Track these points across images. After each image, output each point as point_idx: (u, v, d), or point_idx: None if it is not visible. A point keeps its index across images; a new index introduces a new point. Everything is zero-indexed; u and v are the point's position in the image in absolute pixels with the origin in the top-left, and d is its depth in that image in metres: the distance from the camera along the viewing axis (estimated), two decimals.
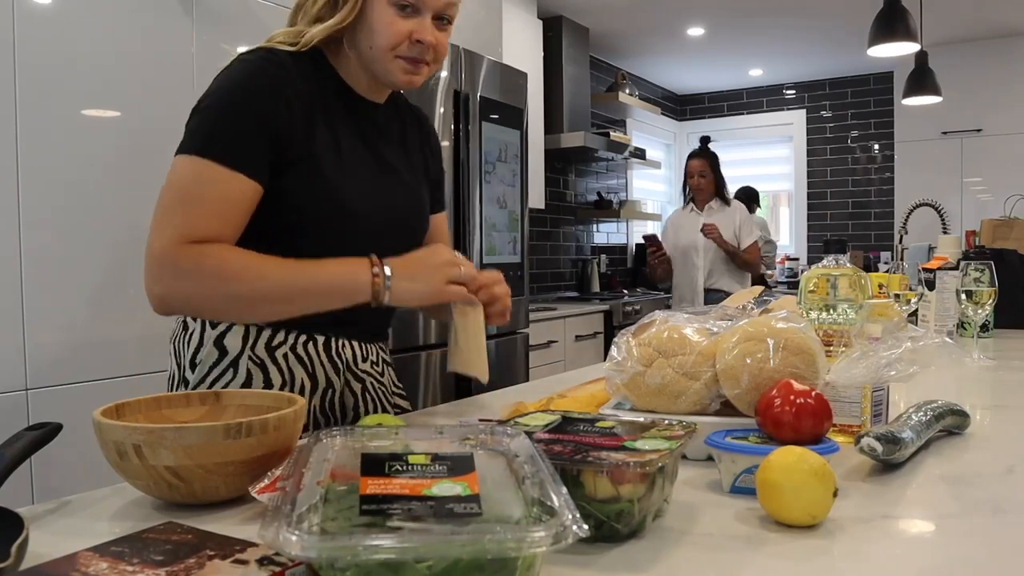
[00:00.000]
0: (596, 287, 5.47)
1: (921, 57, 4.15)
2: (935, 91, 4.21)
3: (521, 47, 4.35)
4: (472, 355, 1.22)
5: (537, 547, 0.51)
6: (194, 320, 1.22)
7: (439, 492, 0.58)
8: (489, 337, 3.33)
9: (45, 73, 2.01)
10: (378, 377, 1.33)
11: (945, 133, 5.70)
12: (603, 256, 5.84)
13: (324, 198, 1.16)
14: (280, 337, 1.20)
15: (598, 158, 5.44)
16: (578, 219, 5.68)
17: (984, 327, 2.22)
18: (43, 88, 2.00)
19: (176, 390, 1.22)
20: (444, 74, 3.03)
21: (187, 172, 1.09)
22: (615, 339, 1.06)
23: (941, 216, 3.48)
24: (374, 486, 0.58)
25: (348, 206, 1.18)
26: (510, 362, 3.48)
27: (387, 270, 1.10)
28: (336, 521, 0.54)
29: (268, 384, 1.19)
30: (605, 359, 1.07)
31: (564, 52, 4.94)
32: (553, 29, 4.91)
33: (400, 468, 0.62)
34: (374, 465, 0.62)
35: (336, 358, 1.25)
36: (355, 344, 1.28)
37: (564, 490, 0.58)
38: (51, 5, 2.02)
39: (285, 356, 1.20)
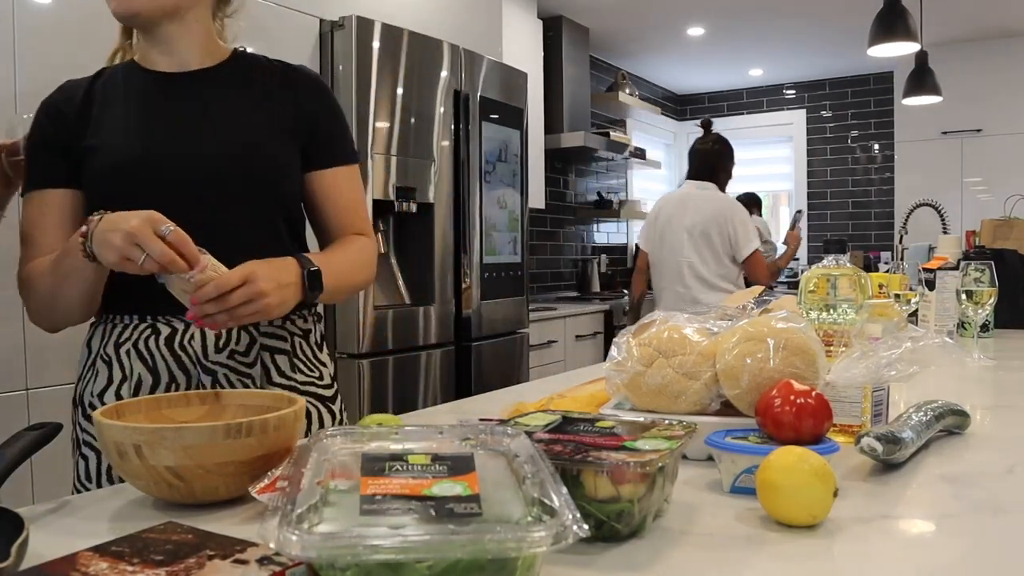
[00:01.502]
0: (596, 287, 5.47)
1: (921, 57, 4.15)
2: (935, 91, 4.21)
3: (521, 47, 4.36)
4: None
5: (537, 547, 0.51)
6: (90, 325, 1.29)
7: (439, 492, 0.58)
8: (489, 337, 3.34)
9: (45, 73, 2.01)
10: (243, 367, 1.22)
11: (945, 133, 5.70)
12: (603, 256, 5.84)
13: (106, 169, 1.19)
14: (127, 332, 1.21)
15: (598, 158, 5.44)
16: (578, 219, 5.68)
17: (984, 327, 2.22)
18: (43, 88, 2.00)
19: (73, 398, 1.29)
20: (444, 74, 3.03)
21: (22, 212, 1.23)
22: (615, 339, 1.06)
23: (941, 216, 3.48)
24: (374, 486, 0.58)
25: (126, 169, 1.18)
26: (510, 362, 3.48)
27: (95, 226, 1.03)
28: (336, 521, 0.54)
29: (110, 381, 1.20)
30: (605, 359, 1.07)
31: (564, 52, 4.94)
32: (553, 29, 4.91)
33: (400, 468, 0.62)
34: (374, 465, 0.62)
35: (180, 351, 1.19)
36: (206, 332, 1.20)
37: (564, 490, 0.58)
38: (51, 5, 2.02)
39: (128, 352, 1.20)
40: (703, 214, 3.43)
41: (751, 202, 5.72)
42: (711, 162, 3.52)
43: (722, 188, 3.54)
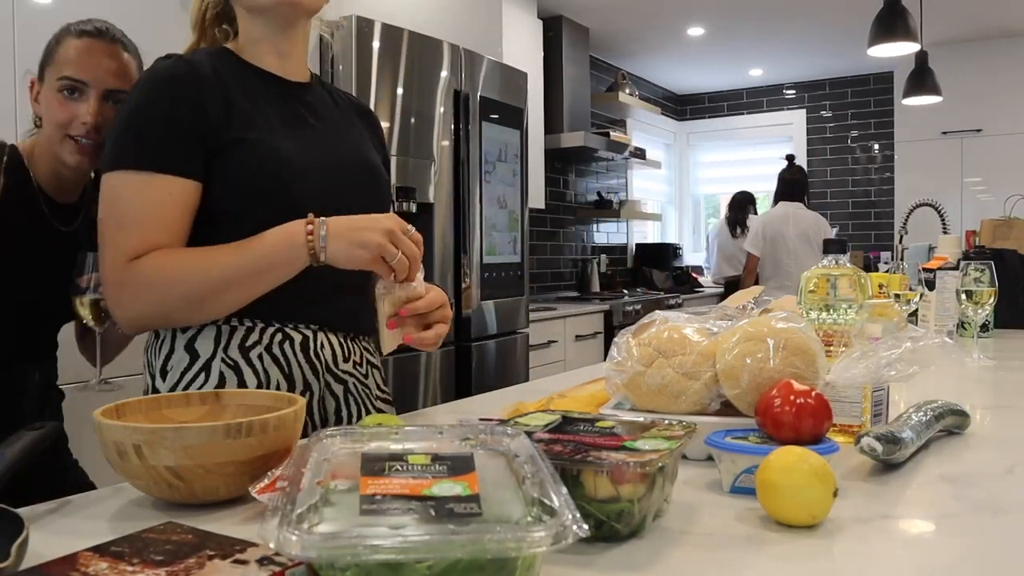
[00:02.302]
0: (596, 287, 5.47)
1: (921, 57, 4.15)
2: (935, 91, 4.21)
3: (521, 47, 4.35)
4: (382, 335, 1.13)
5: (537, 547, 0.51)
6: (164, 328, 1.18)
7: (439, 492, 0.58)
8: (489, 337, 3.34)
9: None
10: (361, 378, 1.27)
11: (945, 133, 5.70)
12: (603, 256, 5.84)
13: (260, 169, 1.12)
14: (255, 336, 1.15)
15: (598, 158, 5.44)
16: (578, 219, 5.68)
17: (984, 327, 2.22)
18: None
19: None
20: (444, 74, 3.03)
21: (115, 189, 1.09)
22: (615, 339, 1.06)
23: (941, 216, 3.48)
24: (374, 486, 0.58)
25: (285, 172, 1.14)
26: (510, 362, 3.48)
27: (324, 227, 1.04)
28: (336, 521, 0.54)
29: (242, 386, 1.15)
30: (605, 359, 1.07)
31: (564, 52, 4.94)
32: (553, 29, 4.91)
33: (400, 468, 0.62)
34: (374, 465, 0.62)
35: (315, 359, 1.19)
36: (336, 342, 1.22)
37: (564, 490, 0.58)
38: (51, 5, 2.02)
39: (260, 357, 1.15)
40: (802, 226, 4.66)
41: (746, 200, 5.74)
42: (799, 187, 4.80)
43: (808, 205, 4.83)
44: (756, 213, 5.88)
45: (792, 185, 4.80)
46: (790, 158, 4.97)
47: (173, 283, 1.07)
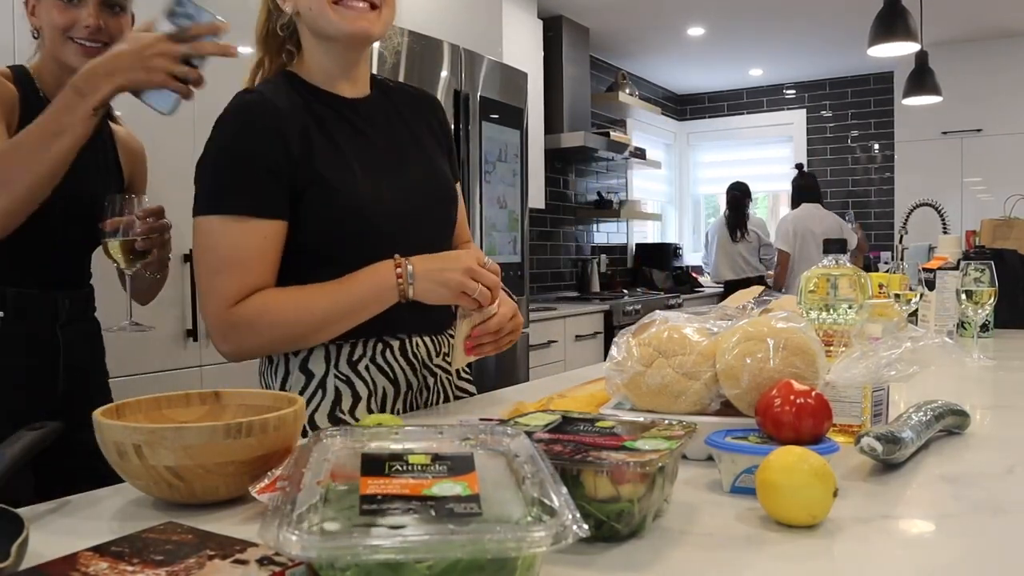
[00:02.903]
0: (596, 287, 5.47)
1: (921, 57, 4.15)
2: (935, 91, 4.21)
3: (521, 47, 4.35)
4: (456, 353, 1.27)
5: (537, 547, 0.51)
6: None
7: (439, 492, 0.58)
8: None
9: None
10: (447, 368, 1.39)
11: (945, 133, 5.70)
12: (603, 256, 5.84)
13: (344, 209, 1.19)
14: (359, 350, 1.26)
15: (598, 158, 5.44)
16: (578, 219, 5.68)
17: (984, 327, 2.22)
18: None
19: None
20: (444, 74, 3.03)
21: (211, 234, 1.15)
22: (615, 339, 1.06)
23: (941, 216, 3.49)
24: (374, 486, 0.58)
25: (367, 209, 1.21)
26: (510, 362, 3.48)
27: (410, 268, 1.15)
28: (336, 521, 0.54)
29: (357, 397, 1.26)
30: (605, 359, 1.07)
31: (564, 52, 4.94)
32: (553, 29, 4.91)
33: (400, 468, 0.62)
34: (374, 465, 0.62)
35: (412, 358, 1.31)
36: (427, 341, 1.34)
37: (564, 490, 0.58)
38: None
39: (367, 368, 1.26)
40: (826, 224, 5.17)
41: (744, 193, 5.73)
42: (814, 190, 5.37)
43: (824, 205, 5.40)
44: (753, 211, 5.90)
45: (807, 190, 5.34)
46: (800, 166, 5.54)
47: (277, 324, 1.16)
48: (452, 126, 3.03)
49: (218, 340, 1.17)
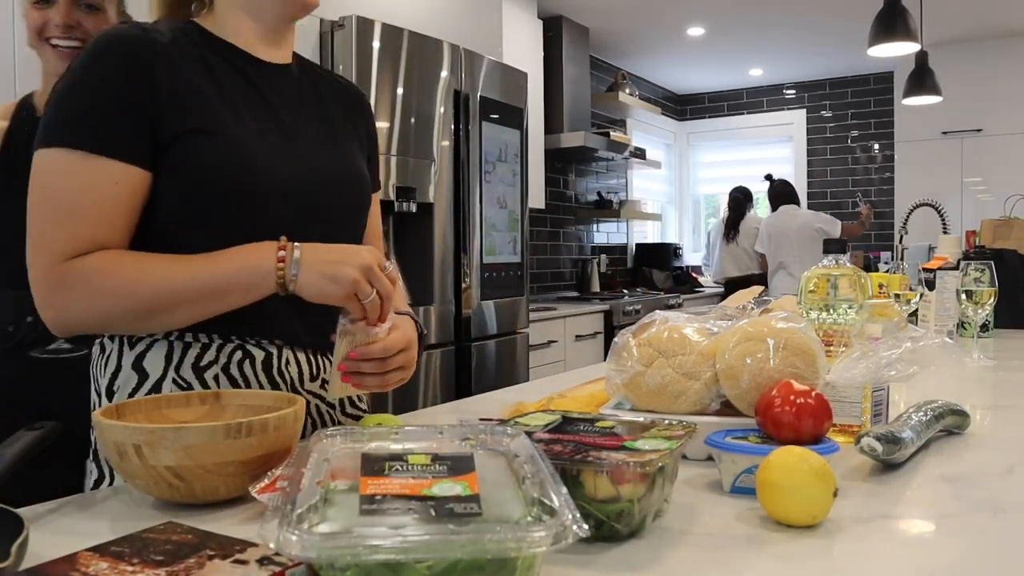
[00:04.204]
0: (596, 287, 5.47)
1: (921, 57, 4.15)
2: (935, 91, 4.20)
3: (521, 47, 4.35)
4: (333, 379, 1.02)
5: (537, 547, 0.51)
6: (111, 340, 1.06)
7: (439, 492, 0.58)
8: (489, 337, 3.34)
9: None
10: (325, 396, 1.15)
11: (945, 133, 5.70)
12: (603, 256, 5.83)
13: (223, 165, 0.99)
14: (211, 354, 1.04)
15: (598, 158, 5.44)
16: (578, 219, 5.68)
17: (984, 327, 2.22)
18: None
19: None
20: (444, 74, 3.03)
21: (53, 170, 0.95)
22: (615, 339, 1.06)
23: (941, 216, 3.49)
24: (374, 486, 0.58)
25: (250, 172, 1.01)
26: (510, 362, 3.48)
27: (296, 254, 0.94)
28: (336, 521, 0.54)
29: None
30: (605, 359, 1.07)
31: (564, 52, 4.94)
32: (553, 29, 4.91)
33: (400, 468, 0.62)
34: (374, 465, 0.62)
35: (278, 378, 1.07)
36: (302, 358, 1.11)
37: (564, 490, 0.58)
38: None
39: (216, 378, 1.03)
40: (799, 222, 5.29)
41: (746, 197, 5.77)
42: (788, 193, 5.50)
43: (799, 205, 5.55)
44: (753, 211, 5.92)
45: (782, 194, 5.51)
46: (768, 176, 5.71)
47: (119, 293, 0.95)
48: (452, 126, 3.05)
49: (41, 302, 0.95)
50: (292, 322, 1.08)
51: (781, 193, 5.53)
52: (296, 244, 0.95)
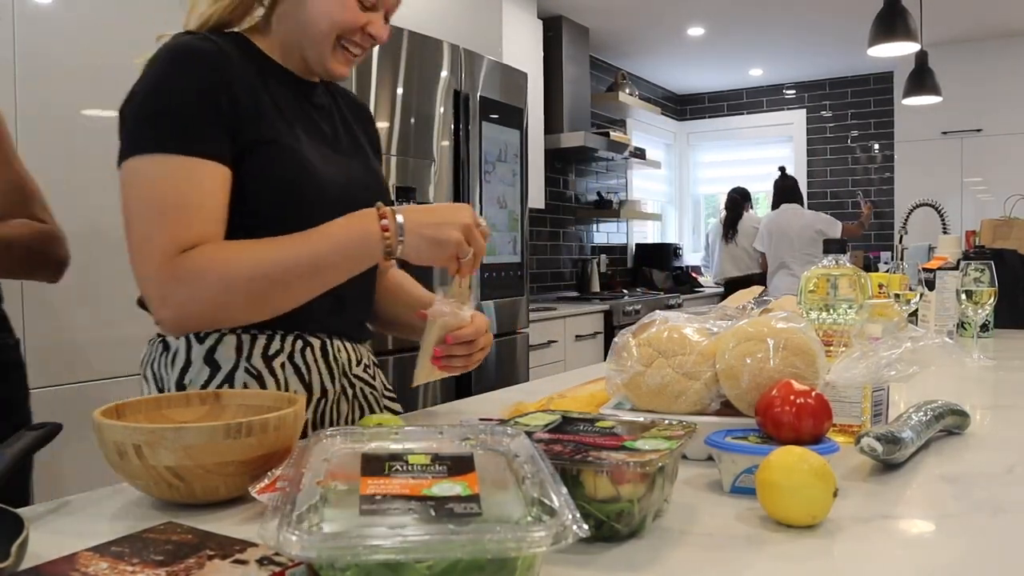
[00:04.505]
0: (596, 287, 5.47)
1: (921, 57, 4.15)
2: (935, 91, 4.21)
3: (521, 47, 4.35)
4: (422, 365, 1.12)
5: (537, 547, 0.51)
6: (176, 338, 1.10)
7: (439, 492, 0.58)
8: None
9: (45, 73, 2.01)
10: (369, 381, 1.26)
11: (945, 133, 5.70)
12: (603, 256, 5.84)
13: (291, 176, 1.07)
14: (276, 345, 1.11)
15: (598, 158, 5.44)
16: (578, 219, 5.68)
17: (984, 327, 2.22)
18: (43, 88, 2.00)
19: None
20: (444, 74, 3.03)
21: (152, 175, 0.99)
22: (615, 339, 1.06)
23: (941, 216, 3.49)
24: (374, 486, 0.58)
25: (314, 183, 1.08)
26: (510, 362, 3.48)
27: (400, 219, 0.99)
28: (336, 521, 0.54)
29: None
30: (605, 359, 1.07)
31: (564, 52, 4.94)
32: (553, 29, 4.91)
33: (400, 468, 0.62)
34: (374, 465, 0.62)
35: (332, 363, 1.17)
36: (348, 347, 1.21)
37: (564, 490, 0.58)
38: (51, 5, 2.02)
39: (283, 366, 1.11)
40: (802, 222, 5.30)
41: (743, 197, 5.79)
42: (793, 191, 5.50)
43: (802, 204, 5.56)
44: (752, 210, 5.94)
45: (788, 191, 5.50)
46: (783, 169, 5.71)
47: (237, 275, 0.98)
48: (452, 126, 3.04)
49: (158, 302, 0.99)
50: (337, 318, 1.17)
51: (785, 189, 5.52)
52: (395, 208, 1.00)
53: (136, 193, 0.99)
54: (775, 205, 5.52)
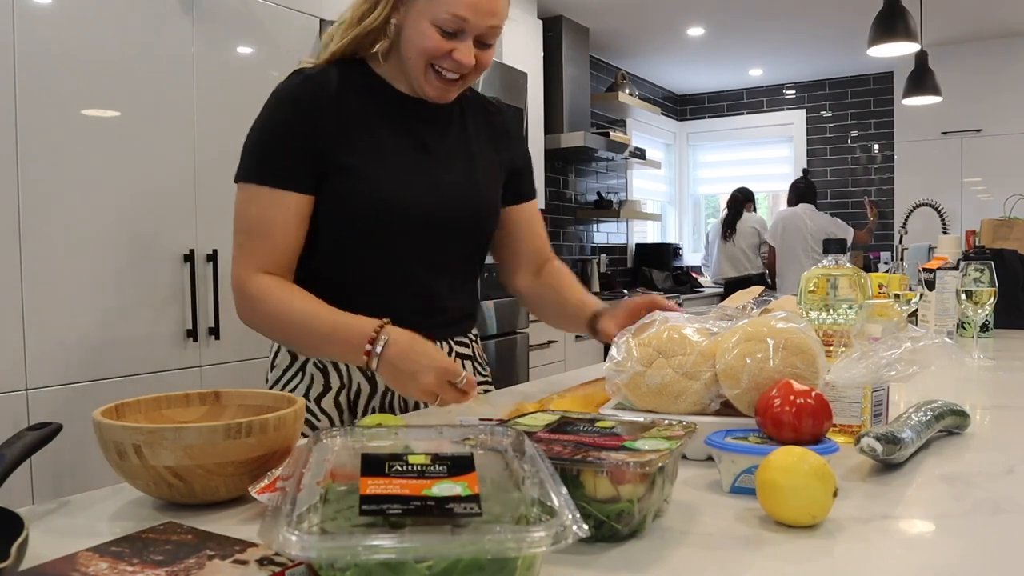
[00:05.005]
0: (596, 287, 5.47)
1: (921, 57, 4.15)
2: (935, 91, 4.21)
3: (521, 47, 4.35)
4: None
5: (537, 547, 0.51)
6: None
7: (439, 492, 0.58)
8: (489, 337, 3.34)
9: (45, 73, 2.01)
10: None
11: (945, 133, 5.70)
12: (603, 256, 5.84)
13: (359, 194, 1.21)
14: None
15: (598, 158, 5.44)
16: (578, 219, 5.68)
17: (984, 327, 2.22)
18: (43, 88, 2.00)
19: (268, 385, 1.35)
20: None
21: (242, 200, 1.22)
22: (615, 339, 1.06)
23: (941, 216, 3.49)
24: (374, 486, 0.58)
25: (381, 198, 1.22)
26: (510, 362, 3.48)
27: (384, 341, 1.14)
28: (336, 521, 0.54)
29: (327, 388, 1.29)
30: (605, 359, 1.07)
31: (564, 52, 4.94)
32: (553, 29, 4.91)
33: (400, 468, 0.62)
34: (374, 465, 0.62)
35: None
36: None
37: (564, 490, 0.58)
38: (51, 5, 2.02)
39: (348, 363, 1.26)
40: (817, 224, 5.48)
41: (745, 198, 5.81)
42: (810, 192, 5.69)
43: (816, 206, 5.69)
44: (755, 211, 5.94)
45: (807, 193, 5.67)
46: (806, 171, 6.14)
47: (268, 315, 1.21)
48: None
49: (236, 304, 1.23)
50: (421, 318, 1.27)
51: (807, 190, 5.68)
52: (388, 334, 1.14)
53: (236, 215, 1.23)
54: (792, 204, 5.67)
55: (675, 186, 7.35)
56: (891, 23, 3.37)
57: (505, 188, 1.42)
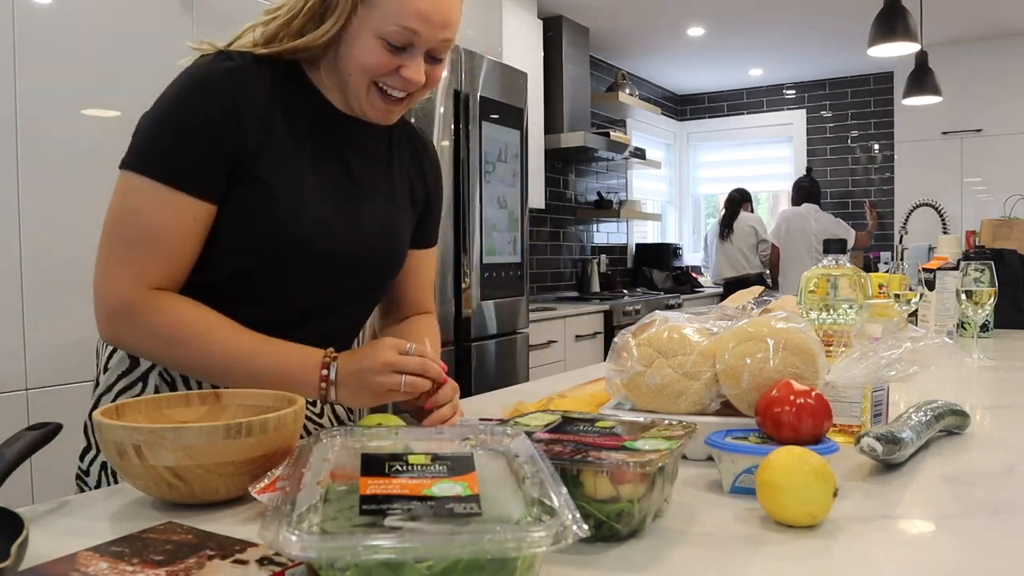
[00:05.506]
0: (596, 287, 5.47)
1: (921, 57, 4.15)
2: (935, 91, 4.21)
3: (521, 47, 4.35)
4: None
5: (537, 547, 0.51)
6: None
7: (439, 492, 0.58)
8: (489, 337, 3.34)
9: (45, 73, 2.01)
10: (310, 406, 1.19)
11: (945, 133, 5.70)
12: (603, 256, 5.84)
13: (274, 220, 1.04)
14: None
15: (598, 158, 5.44)
16: (578, 219, 5.68)
17: (984, 327, 2.22)
18: (43, 88, 2.00)
19: (93, 392, 1.16)
20: (445, 74, 3.02)
21: (137, 197, 1.00)
22: (615, 339, 1.06)
23: (941, 216, 3.49)
24: (374, 486, 0.58)
25: (299, 231, 1.05)
26: (510, 362, 3.48)
27: (333, 373, 1.00)
28: (336, 521, 0.54)
29: None
30: (605, 359, 1.06)
31: (564, 52, 4.94)
32: (553, 29, 4.91)
33: (400, 468, 0.62)
34: (374, 465, 0.62)
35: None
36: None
37: (564, 490, 0.58)
38: (51, 5, 2.02)
39: (199, 381, 1.09)
40: (821, 225, 5.53)
41: (742, 198, 5.82)
42: (814, 191, 5.76)
43: (820, 206, 5.77)
44: (752, 211, 5.95)
45: (811, 192, 5.72)
46: (809, 169, 6.08)
47: (179, 345, 1.01)
48: (452, 126, 3.04)
49: (102, 318, 1.01)
50: (291, 337, 1.10)
51: (811, 190, 5.73)
52: (335, 360, 1.01)
53: (122, 208, 1.01)
54: (795, 203, 5.73)
55: (675, 186, 7.35)
56: (891, 23, 3.37)
57: (413, 229, 1.26)
